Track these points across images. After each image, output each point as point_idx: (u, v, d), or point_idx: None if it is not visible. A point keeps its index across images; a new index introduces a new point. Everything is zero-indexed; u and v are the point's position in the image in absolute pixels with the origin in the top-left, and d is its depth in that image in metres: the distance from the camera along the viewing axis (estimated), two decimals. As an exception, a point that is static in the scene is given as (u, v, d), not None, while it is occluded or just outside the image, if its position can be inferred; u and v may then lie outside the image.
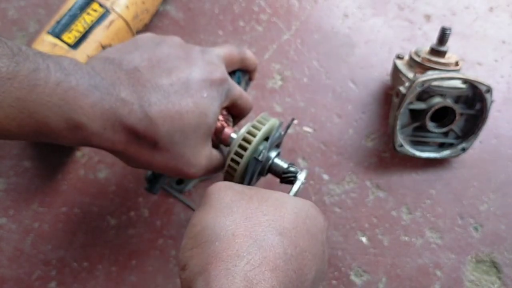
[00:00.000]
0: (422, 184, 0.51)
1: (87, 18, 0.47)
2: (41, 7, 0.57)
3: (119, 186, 0.49)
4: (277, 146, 0.38)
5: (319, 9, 0.60)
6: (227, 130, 0.37)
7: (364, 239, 0.48)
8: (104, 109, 0.29)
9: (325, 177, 0.51)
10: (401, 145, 0.48)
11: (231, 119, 0.39)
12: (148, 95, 0.31)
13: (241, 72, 0.41)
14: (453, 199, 0.50)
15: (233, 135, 0.37)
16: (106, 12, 0.48)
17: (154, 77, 0.31)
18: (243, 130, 0.36)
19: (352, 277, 0.47)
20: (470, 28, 0.59)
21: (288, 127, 0.39)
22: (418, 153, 0.49)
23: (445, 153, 0.50)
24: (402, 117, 0.48)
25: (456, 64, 0.49)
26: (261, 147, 0.35)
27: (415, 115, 0.49)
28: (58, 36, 0.45)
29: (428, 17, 0.60)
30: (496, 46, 0.58)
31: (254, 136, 0.35)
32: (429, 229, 0.49)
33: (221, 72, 0.34)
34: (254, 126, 0.35)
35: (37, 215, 0.47)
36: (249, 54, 0.40)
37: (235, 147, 0.35)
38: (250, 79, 0.44)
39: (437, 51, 0.48)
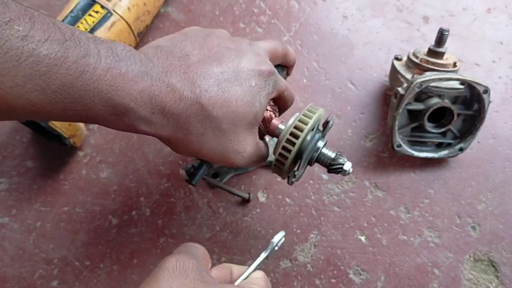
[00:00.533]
0: (420, 183, 0.51)
1: (89, 19, 0.47)
2: (43, 9, 0.58)
3: (120, 185, 0.49)
4: (323, 136, 0.38)
5: (319, 11, 0.60)
6: (275, 121, 0.38)
7: (363, 238, 0.49)
8: (153, 94, 0.30)
9: (325, 177, 0.51)
10: (400, 145, 0.49)
11: (277, 110, 0.40)
12: (199, 81, 0.31)
13: (281, 67, 0.42)
14: (451, 199, 0.51)
15: (281, 126, 0.37)
16: (107, 14, 0.48)
17: (205, 65, 0.32)
18: (293, 119, 0.36)
19: (351, 276, 0.47)
20: (468, 29, 0.60)
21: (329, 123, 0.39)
22: (416, 153, 0.50)
23: (443, 153, 0.51)
24: (400, 118, 0.48)
25: (454, 65, 0.49)
26: (308, 137, 0.36)
27: (413, 115, 0.49)
28: (60, 37, 0.46)
29: (426, 19, 0.60)
30: (494, 47, 0.59)
31: (305, 124, 0.35)
32: (427, 228, 0.49)
33: (269, 64, 0.35)
34: (304, 115, 0.36)
35: (39, 215, 0.48)
36: (291, 51, 0.41)
37: (286, 135, 0.35)
38: (287, 73, 0.44)
39: (435, 52, 0.49)
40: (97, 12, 0.48)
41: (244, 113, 0.33)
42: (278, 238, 0.36)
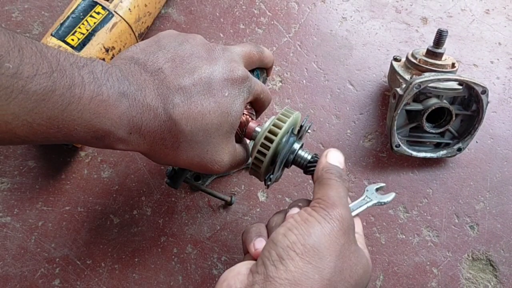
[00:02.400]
0: (419, 183, 0.52)
1: (91, 20, 0.48)
2: (45, 10, 0.58)
3: (122, 185, 0.50)
4: (300, 138, 0.38)
5: (318, 12, 0.61)
6: (252, 124, 0.38)
7: (362, 238, 0.49)
8: (131, 116, 0.31)
9: (324, 176, 0.51)
10: (398, 145, 0.49)
11: (254, 113, 0.40)
12: (172, 97, 0.32)
13: (260, 69, 0.42)
14: (449, 198, 0.51)
15: (258, 129, 0.37)
16: (109, 15, 0.49)
17: (177, 78, 0.32)
18: (268, 123, 0.36)
19: (351, 275, 0.47)
20: (466, 30, 0.60)
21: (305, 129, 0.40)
22: (415, 153, 0.50)
23: (442, 153, 0.51)
24: (399, 118, 0.49)
25: (453, 65, 0.49)
26: (283, 141, 0.36)
27: (412, 116, 0.49)
28: (62, 38, 0.46)
29: (425, 20, 0.61)
30: (492, 48, 0.59)
31: (279, 128, 0.35)
32: (425, 227, 0.50)
33: (242, 70, 0.35)
34: (279, 119, 0.36)
35: (41, 214, 0.48)
36: (267, 52, 0.41)
37: (261, 140, 0.35)
38: (267, 75, 0.44)
39: (433, 53, 0.49)
40: (98, 13, 0.48)
41: (219, 124, 0.33)
42: (389, 198, 0.37)
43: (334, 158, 0.35)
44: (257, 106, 0.39)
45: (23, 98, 0.25)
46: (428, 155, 0.51)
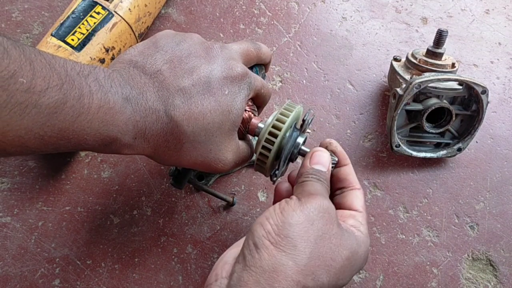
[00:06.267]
0: (419, 183, 0.52)
1: (91, 20, 0.48)
2: (45, 10, 0.58)
3: (122, 185, 0.50)
4: (303, 132, 0.38)
5: (318, 12, 0.61)
6: (255, 120, 0.38)
7: (362, 238, 0.49)
8: (135, 121, 0.31)
9: (324, 176, 0.51)
10: (398, 145, 0.49)
11: (256, 109, 0.40)
12: (172, 98, 0.32)
13: (258, 66, 0.42)
14: (449, 198, 0.51)
15: (261, 125, 0.37)
16: (109, 15, 0.49)
17: (176, 79, 0.32)
18: (271, 118, 0.36)
19: (351, 275, 0.47)
20: (466, 30, 0.60)
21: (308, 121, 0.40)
22: (415, 153, 0.50)
23: (442, 153, 0.51)
24: (399, 118, 0.49)
25: (453, 65, 0.49)
26: (287, 135, 0.36)
27: (412, 116, 0.49)
28: (62, 38, 0.46)
29: (425, 20, 0.61)
30: (492, 48, 0.59)
31: (283, 123, 0.35)
32: (425, 227, 0.50)
33: (241, 67, 0.35)
34: (282, 114, 0.36)
35: (41, 214, 0.48)
36: (264, 49, 0.41)
37: (265, 135, 0.35)
38: (265, 70, 0.45)
39: (433, 53, 0.49)
40: (98, 13, 0.48)
41: (220, 122, 0.33)
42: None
43: (317, 161, 0.35)
44: (258, 101, 0.39)
45: (36, 113, 0.25)
46: (428, 155, 0.51)
